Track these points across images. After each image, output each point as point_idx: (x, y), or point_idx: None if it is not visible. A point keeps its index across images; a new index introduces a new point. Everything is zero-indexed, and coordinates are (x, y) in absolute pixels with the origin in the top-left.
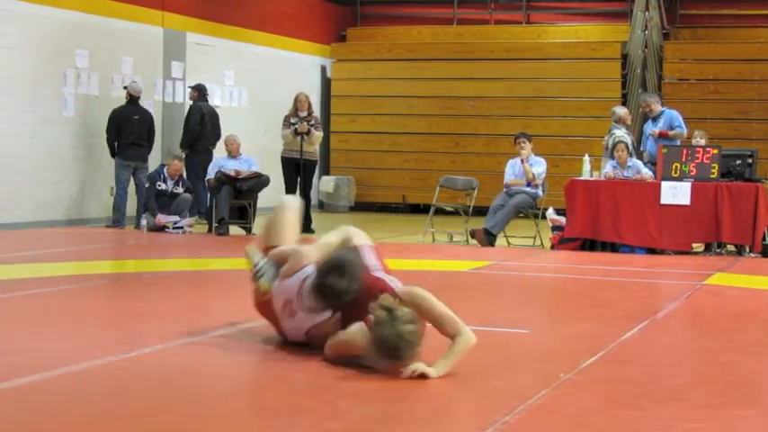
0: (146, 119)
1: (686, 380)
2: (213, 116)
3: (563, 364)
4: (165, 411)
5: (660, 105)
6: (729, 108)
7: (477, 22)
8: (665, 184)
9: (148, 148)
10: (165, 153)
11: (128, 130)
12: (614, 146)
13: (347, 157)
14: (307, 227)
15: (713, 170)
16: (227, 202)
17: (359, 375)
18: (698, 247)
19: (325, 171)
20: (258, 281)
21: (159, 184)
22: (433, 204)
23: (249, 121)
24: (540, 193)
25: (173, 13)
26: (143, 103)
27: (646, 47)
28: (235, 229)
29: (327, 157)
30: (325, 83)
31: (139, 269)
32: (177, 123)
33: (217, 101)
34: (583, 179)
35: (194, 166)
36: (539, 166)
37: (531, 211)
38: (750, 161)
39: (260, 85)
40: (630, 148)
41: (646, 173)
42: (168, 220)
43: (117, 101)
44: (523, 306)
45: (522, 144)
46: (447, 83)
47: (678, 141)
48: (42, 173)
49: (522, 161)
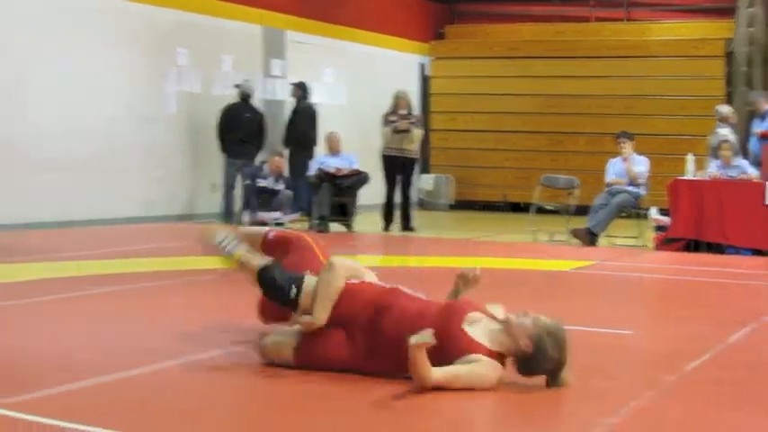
0: (256, 118)
1: None
2: (314, 114)
3: (666, 365)
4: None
5: (767, 104)
6: None
7: (578, 20)
8: None
9: (257, 147)
10: (266, 150)
11: (237, 128)
12: (718, 145)
13: (447, 155)
14: (406, 225)
15: None
16: (327, 200)
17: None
18: None
19: (425, 169)
20: (227, 256)
21: (260, 181)
22: (535, 203)
23: (348, 119)
24: (643, 192)
25: (272, 12)
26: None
27: (751, 44)
28: (335, 227)
29: (427, 155)
30: (424, 81)
31: None
32: (277, 121)
33: (316, 99)
34: (686, 179)
35: (296, 163)
36: (640, 165)
37: (634, 211)
38: None
39: (359, 83)
40: (735, 147)
41: (752, 172)
42: (269, 217)
43: (218, 98)
44: (625, 307)
45: (623, 143)
46: (548, 81)
47: None
48: (145, 170)
49: (624, 160)
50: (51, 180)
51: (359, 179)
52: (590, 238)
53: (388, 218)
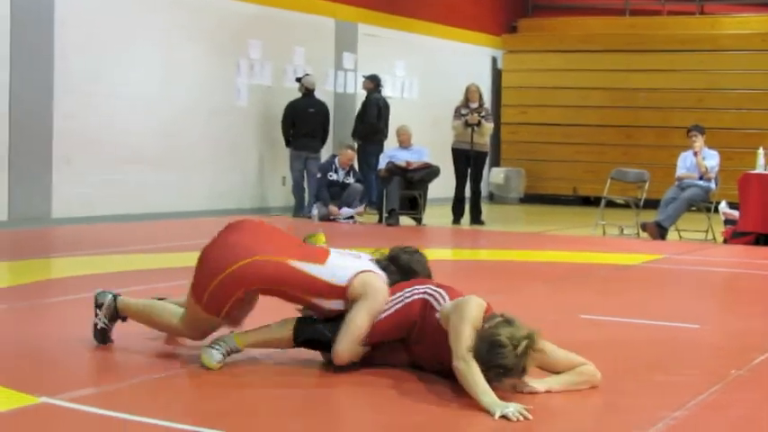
0: (320, 111)
1: None
2: (386, 107)
3: (733, 360)
4: None
5: None
6: None
7: (650, 13)
8: None
9: (321, 140)
10: (337, 143)
11: (302, 121)
12: None
13: (518, 148)
14: (476, 219)
15: None
16: (397, 193)
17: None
18: None
19: (496, 163)
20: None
21: (330, 174)
22: (604, 197)
23: (419, 112)
24: (713, 186)
25: (344, 5)
26: (315, 93)
27: None
28: (405, 220)
29: (498, 148)
30: (496, 74)
31: None
32: (348, 114)
33: (388, 92)
34: (757, 173)
35: (366, 156)
36: (711, 159)
37: (704, 205)
38: None
39: (430, 76)
40: None
41: None
42: (341, 212)
43: (290, 91)
44: (694, 301)
45: (695, 137)
46: (619, 74)
47: None
48: (215, 162)
49: (695, 154)
50: (125, 173)
51: (429, 172)
52: (659, 231)
53: (457, 211)
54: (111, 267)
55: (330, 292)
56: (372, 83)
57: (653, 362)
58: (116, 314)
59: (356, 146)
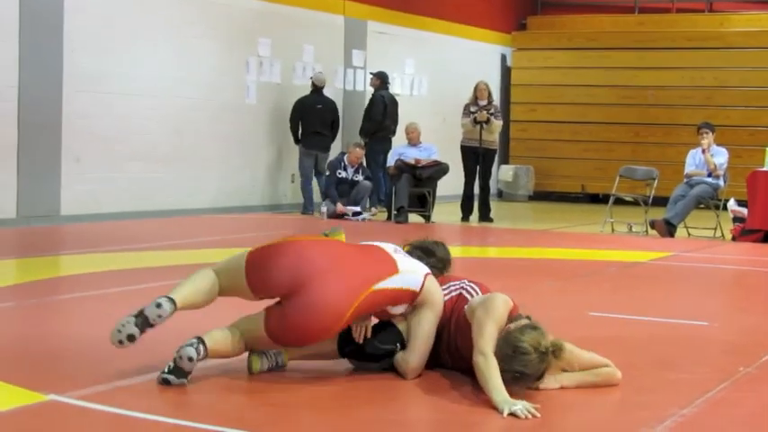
0: (329, 108)
1: None
2: (394, 104)
3: (742, 357)
4: None
5: None
6: None
7: (659, 11)
8: None
9: (331, 138)
10: (346, 141)
11: (311, 119)
12: None
13: (526, 146)
14: (485, 216)
15: None
16: (406, 190)
17: None
18: None
19: (505, 160)
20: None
21: (339, 172)
22: (613, 194)
23: (429, 110)
24: (722, 183)
25: (354, 2)
26: (324, 90)
27: None
28: (414, 217)
29: (507, 146)
30: (505, 72)
31: None
32: (358, 111)
33: (397, 89)
34: (765, 170)
35: (375, 153)
36: (720, 157)
37: (713, 202)
38: None
39: (440, 74)
40: None
41: None
42: (349, 209)
43: (299, 89)
44: (702, 298)
45: (705, 134)
46: (628, 72)
47: None
48: (224, 159)
49: (704, 151)
50: (134, 170)
51: (438, 170)
52: (668, 229)
53: (466, 209)
54: (121, 265)
55: (408, 297)
56: (379, 80)
57: (661, 359)
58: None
59: (364, 143)
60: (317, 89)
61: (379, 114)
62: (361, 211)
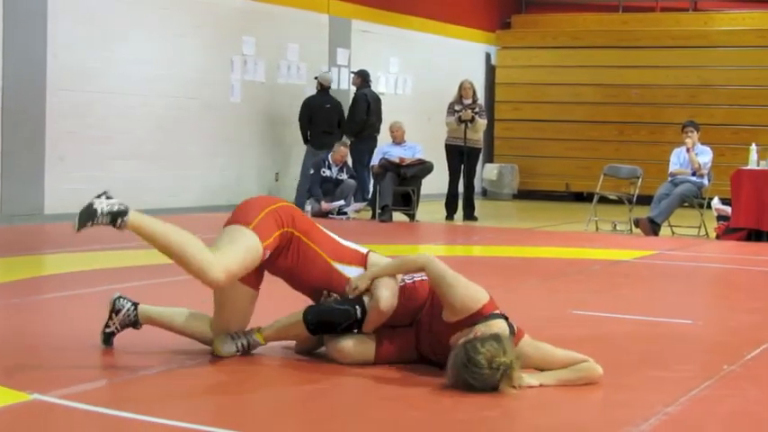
0: (336, 108)
1: None
2: (377, 102)
3: (726, 355)
4: None
5: None
6: None
7: (643, 10)
8: None
9: (339, 137)
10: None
11: (320, 118)
12: None
13: (511, 144)
14: (470, 215)
15: None
16: (390, 189)
17: None
18: None
19: (489, 159)
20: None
21: (324, 171)
22: (597, 193)
23: (413, 109)
24: (706, 182)
25: (338, 1)
26: (308, 89)
27: None
28: (398, 216)
29: (491, 144)
30: (490, 70)
31: None
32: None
33: (381, 88)
34: (749, 168)
35: (359, 152)
36: (704, 156)
37: (696, 201)
38: None
39: (424, 72)
40: None
41: None
42: (333, 206)
43: (284, 87)
44: (687, 296)
45: (690, 133)
46: (612, 70)
47: None
48: (209, 158)
49: (688, 150)
50: (118, 169)
51: (423, 168)
52: (652, 227)
53: (450, 207)
54: (105, 264)
55: (352, 257)
56: (360, 78)
57: (645, 357)
58: (133, 323)
59: (349, 143)
60: (323, 89)
61: (363, 113)
62: (346, 206)
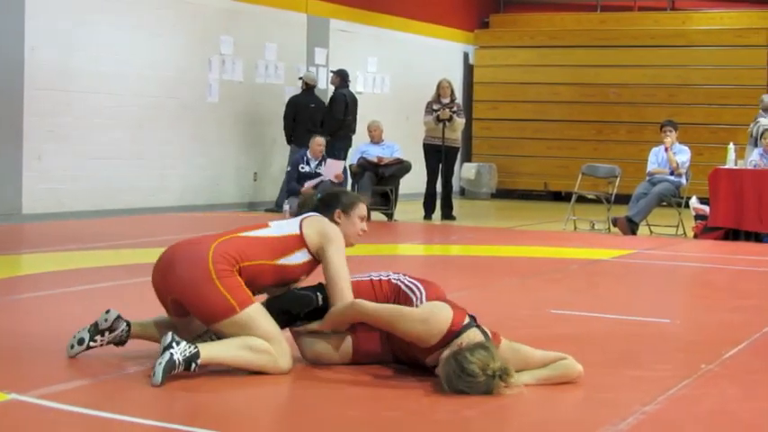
0: (320, 107)
1: None
2: (353, 102)
3: (704, 354)
4: None
5: None
6: None
7: (621, 9)
8: None
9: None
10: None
11: (304, 118)
12: (761, 134)
13: (489, 144)
14: (448, 214)
15: None
16: (369, 188)
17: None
18: None
19: (467, 158)
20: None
21: (302, 167)
22: (575, 192)
23: (391, 108)
24: (684, 181)
25: (317, 0)
26: (286, 88)
27: None
28: (376, 215)
29: (469, 143)
30: (468, 69)
31: None
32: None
33: (359, 87)
34: (727, 168)
35: (337, 151)
36: (682, 155)
37: (675, 200)
38: None
39: (402, 72)
40: None
41: None
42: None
43: (262, 87)
44: (665, 295)
45: (668, 132)
46: (590, 70)
47: None
48: (187, 158)
49: (666, 149)
50: (96, 169)
51: (401, 168)
52: (630, 226)
53: (429, 207)
54: (82, 263)
55: (291, 244)
56: (339, 77)
57: (623, 356)
58: (121, 342)
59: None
60: (308, 88)
61: (341, 113)
62: (326, 177)
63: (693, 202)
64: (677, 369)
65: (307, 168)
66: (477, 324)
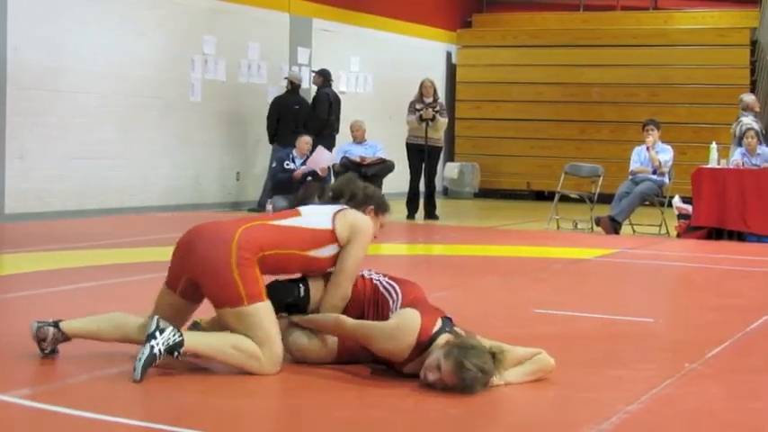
0: (305, 107)
1: None
2: (337, 102)
3: (687, 353)
4: None
5: None
6: None
7: (604, 8)
8: None
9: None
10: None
11: (288, 118)
12: (743, 133)
13: (472, 143)
14: (431, 213)
15: None
16: None
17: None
18: None
19: (450, 157)
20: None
21: (287, 164)
22: (558, 191)
23: (374, 107)
24: (667, 180)
25: (299, 0)
26: (269, 88)
27: None
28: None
29: (452, 143)
30: (451, 69)
31: None
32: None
33: (342, 86)
34: (710, 167)
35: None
36: (665, 154)
37: (657, 199)
38: None
39: (385, 71)
40: (759, 135)
41: None
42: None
43: (245, 86)
44: (648, 295)
45: (650, 131)
46: (573, 69)
47: None
48: (170, 157)
49: (648, 148)
50: (79, 168)
51: (384, 167)
52: (613, 226)
53: (412, 206)
54: (65, 263)
55: (324, 238)
56: (321, 77)
57: (607, 356)
58: (64, 339)
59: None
60: (293, 88)
61: (324, 113)
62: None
63: (676, 201)
64: (660, 368)
65: (292, 166)
66: (452, 327)
